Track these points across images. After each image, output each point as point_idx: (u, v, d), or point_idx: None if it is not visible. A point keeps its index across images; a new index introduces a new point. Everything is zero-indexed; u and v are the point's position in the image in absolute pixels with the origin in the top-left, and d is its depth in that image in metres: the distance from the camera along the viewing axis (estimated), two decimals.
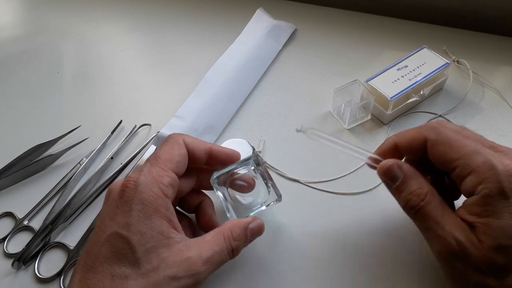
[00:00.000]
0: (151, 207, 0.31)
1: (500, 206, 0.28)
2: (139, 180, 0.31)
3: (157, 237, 0.30)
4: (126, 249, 0.29)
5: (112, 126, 0.50)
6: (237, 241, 0.33)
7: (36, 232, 0.41)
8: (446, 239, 0.29)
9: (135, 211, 0.30)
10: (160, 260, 0.30)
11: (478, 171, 0.29)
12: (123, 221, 0.30)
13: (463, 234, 0.29)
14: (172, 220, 0.32)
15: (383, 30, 0.58)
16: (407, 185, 0.32)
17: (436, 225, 0.30)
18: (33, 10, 0.70)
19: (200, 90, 0.51)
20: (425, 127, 0.33)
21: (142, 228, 0.30)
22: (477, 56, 0.53)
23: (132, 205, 0.30)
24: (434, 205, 0.30)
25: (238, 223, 0.34)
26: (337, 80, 0.52)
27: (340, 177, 0.44)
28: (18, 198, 0.45)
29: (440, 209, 0.30)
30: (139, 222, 0.30)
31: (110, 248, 0.30)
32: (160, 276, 0.29)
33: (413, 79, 0.46)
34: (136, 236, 0.30)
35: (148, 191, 0.31)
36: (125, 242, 0.29)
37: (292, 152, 0.46)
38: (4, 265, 0.40)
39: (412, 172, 0.32)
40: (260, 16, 0.60)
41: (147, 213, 0.30)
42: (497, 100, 0.49)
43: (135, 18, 0.66)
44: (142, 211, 0.30)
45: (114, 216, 0.31)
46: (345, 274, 0.37)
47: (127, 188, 0.31)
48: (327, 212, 0.41)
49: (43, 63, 0.60)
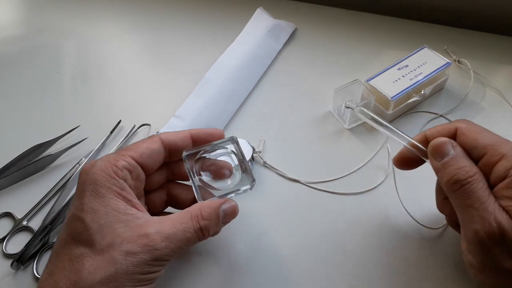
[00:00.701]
0: (103, 187, 0.31)
1: None
2: (94, 164, 0.32)
3: (112, 213, 0.30)
4: (81, 228, 0.30)
5: (111, 126, 0.50)
6: (206, 220, 0.32)
7: (35, 233, 0.41)
8: (488, 220, 0.28)
9: (88, 191, 0.31)
10: (115, 235, 0.29)
11: (509, 155, 0.30)
12: (78, 202, 0.31)
13: (506, 218, 0.28)
14: (130, 200, 0.32)
15: (383, 29, 0.58)
16: (457, 161, 0.32)
17: (480, 204, 0.29)
18: (33, 10, 0.70)
19: (200, 90, 0.51)
20: (457, 120, 0.34)
21: (94, 206, 0.30)
22: (478, 56, 0.53)
23: (85, 186, 0.31)
24: (482, 185, 0.30)
25: (209, 203, 0.33)
26: (337, 80, 0.51)
27: (340, 177, 0.44)
28: (17, 198, 0.45)
29: (486, 192, 0.30)
30: (91, 201, 0.30)
31: (68, 230, 0.30)
32: (116, 252, 0.29)
33: (414, 78, 0.46)
34: (89, 215, 0.30)
35: (100, 172, 0.31)
36: (80, 221, 0.30)
37: (292, 152, 0.46)
38: (3, 265, 0.40)
39: (463, 153, 0.32)
40: (260, 16, 0.60)
41: (99, 192, 0.31)
42: (498, 100, 0.49)
43: (135, 18, 0.65)
44: (94, 191, 0.31)
45: (74, 201, 0.32)
46: (344, 274, 0.37)
47: (83, 171, 0.32)
48: (327, 212, 0.41)
49: (43, 63, 0.60)
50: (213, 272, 0.38)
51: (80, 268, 0.28)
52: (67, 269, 0.29)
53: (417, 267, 0.37)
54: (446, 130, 0.33)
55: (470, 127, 0.32)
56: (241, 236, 0.40)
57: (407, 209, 0.40)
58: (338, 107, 0.48)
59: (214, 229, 0.33)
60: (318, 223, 0.40)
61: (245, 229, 0.40)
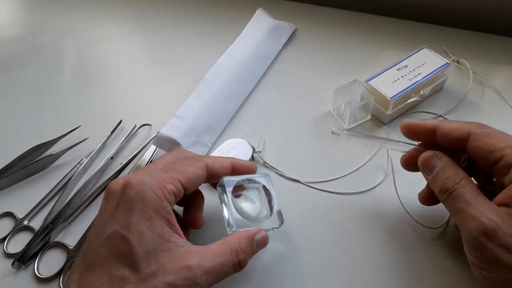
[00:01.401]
0: (152, 209, 0.30)
1: None
2: (143, 180, 0.31)
3: (157, 240, 0.30)
4: (126, 249, 0.29)
5: (112, 126, 0.50)
6: (244, 253, 0.32)
7: (36, 232, 0.41)
8: (479, 218, 0.30)
9: (136, 210, 0.30)
10: (159, 265, 0.29)
11: None
12: (123, 220, 0.30)
13: (497, 214, 0.29)
14: (174, 224, 0.31)
15: (383, 30, 0.58)
16: (444, 172, 0.33)
17: (469, 205, 0.31)
18: (33, 10, 0.70)
19: (200, 90, 0.51)
20: (471, 122, 0.34)
21: (142, 229, 0.29)
22: (477, 56, 0.53)
23: (133, 204, 0.30)
24: (468, 189, 0.32)
25: (245, 234, 0.33)
26: (337, 80, 0.51)
27: (340, 177, 0.44)
28: (18, 198, 0.45)
29: (474, 194, 0.31)
30: (139, 223, 0.30)
31: (109, 247, 0.29)
32: (158, 282, 0.28)
33: (413, 79, 0.46)
34: (136, 237, 0.29)
35: (151, 192, 0.30)
36: (125, 242, 0.29)
37: (292, 152, 0.46)
38: (4, 265, 0.40)
39: (449, 161, 0.34)
40: (260, 16, 0.60)
41: (148, 214, 0.30)
42: (497, 100, 0.49)
43: (135, 18, 0.66)
44: (143, 211, 0.30)
45: (114, 215, 0.30)
46: (344, 273, 0.37)
47: (130, 186, 0.31)
48: (327, 212, 0.41)
49: (43, 63, 0.60)
50: None
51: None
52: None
53: (416, 265, 0.37)
54: (459, 131, 0.34)
55: (486, 131, 0.33)
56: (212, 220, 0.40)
57: (406, 208, 0.40)
58: (338, 107, 0.49)
59: (249, 260, 0.33)
60: (318, 222, 0.40)
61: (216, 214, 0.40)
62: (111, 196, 0.32)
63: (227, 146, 0.45)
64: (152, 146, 0.47)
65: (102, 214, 0.32)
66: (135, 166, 0.46)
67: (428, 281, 0.36)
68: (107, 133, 0.49)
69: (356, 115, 0.47)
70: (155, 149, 0.47)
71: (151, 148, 0.47)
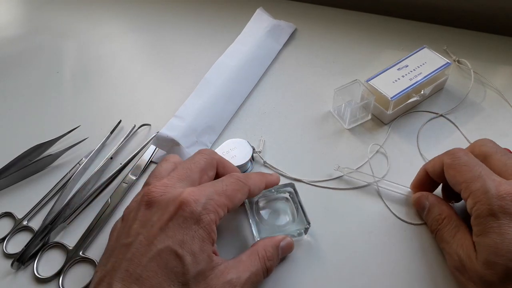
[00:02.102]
0: (207, 231, 0.31)
1: (488, 226, 0.31)
2: (200, 201, 0.31)
3: (206, 260, 0.31)
4: (179, 267, 0.29)
5: (112, 126, 0.50)
6: (271, 260, 0.34)
7: (35, 232, 0.41)
8: (452, 255, 0.34)
9: (193, 230, 0.30)
10: (206, 283, 0.30)
11: (474, 194, 0.32)
12: (178, 237, 0.30)
13: (464, 250, 0.33)
14: (214, 243, 0.32)
15: (383, 30, 0.58)
16: (431, 212, 0.37)
17: (447, 244, 0.35)
18: (33, 10, 0.70)
19: (200, 90, 0.51)
20: (446, 153, 0.36)
21: (195, 249, 0.30)
22: (478, 56, 0.53)
23: (190, 224, 0.30)
24: (448, 228, 0.35)
25: (270, 241, 0.35)
26: (337, 80, 0.51)
27: (340, 176, 0.44)
28: (18, 198, 0.45)
29: (453, 231, 0.35)
30: (193, 243, 0.30)
31: (161, 263, 0.29)
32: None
33: (414, 79, 0.46)
34: (189, 257, 0.30)
35: (208, 215, 0.31)
36: (179, 260, 0.29)
37: (292, 152, 0.46)
38: (4, 265, 0.40)
39: (435, 200, 0.38)
40: (260, 16, 0.60)
41: (202, 235, 0.31)
42: (498, 100, 0.49)
43: (135, 18, 0.65)
44: (199, 232, 0.31)
45: (166, 229, 0.30)
46: (345, 273, 0.37)
47: (187, 204, 0.31)
48: (328, 209, 0.41)
49: (43, 63, 0.60)
50: None
51: None
52: None
53: (418, 261, 0.37)
54: (437, 165, 0.36)
55: (452, 163, 0.34)
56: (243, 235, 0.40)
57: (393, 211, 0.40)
58: (338, 107, 0.48)
59: (275, 266, 0.36)
60: (317, 220, 0.40)
61: (244, 226, 0.40)
62: (157, 206, 0.32)
63: (227, 146, 0.45)
64: (151, 146, 0.47)
65: (146, 224, 0.31)
66: (134, 166, 0.46)
67: (435, 280, 0.36)
68: (106, 133, 0.49)
69: (356, 115, 0.47)
70: (155, 149, 0.47)
71: (150, 148, 0.47)
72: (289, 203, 0.40)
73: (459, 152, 0.35)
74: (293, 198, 0.40)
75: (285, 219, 0.39)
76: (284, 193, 0.40)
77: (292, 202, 0.40)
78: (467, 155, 0.35)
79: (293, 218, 0.39)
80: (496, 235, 0.30)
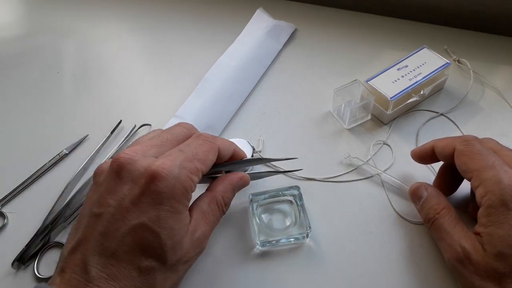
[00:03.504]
0: (181, 203, 0.31)
1: (501, 217, 0.30)
2: (172, 173, 0.30)
3: (183, 229, 0.31)
4: (155, 243, 0.29)
5: (112, 126, 0.50)
6: (228, 205, 0.36)
7: (36, 232, 0.41)
8: (454, 246, 0.33)
9: (167, 205, 0.30)
10: (183, 252, 0.31)
11: (486, 183, 0.32)
12: (153, 214, 0.29)
13: (469, 242, 0.32)
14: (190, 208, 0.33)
15: (383, 30, 0.58)
16: (428, 202, 0.37)
17: (447, 235, 0.34)
18: (33, 10, 0.70)
19: (200, 90, 0.51)
20: (459, 138, 0.36)
21: (171, 223, 0.30)
22: (477, 56, 0.53)
23: (163, 198, 0.30)
24: (447, 218, 0.34)
25: (229, 184, 0.36)
26: (337, 80, 0.51)
27: (340, 175, 0.44)
28: (18, 198, 0.45)
29: (453, 222, 0.34)
30: (168, 217, 0.30)
31: (136, 239, 0.29)
32: (180, 264, 0.31)
33: (413, 79, 0.46)
34: (165, 231, 0.30)
35: (181, 186, 0.30)
36: (155, 236, 0.29)
37: (292, 152, 0.46)
38: (4, 265, 0.39)
39: (434, 192, 0.37)
40: (260, 16, 0.60)
41: (177, 208, 0.30)
42: (498, 99, 0.49)
43: (135, 18, 0.65)
44: (173, 206, 0.30)
45: (139, 204, 0.29)
46: (345, 273, 0.37)
47: (159, 177, 0.30)
48: (328, 210, 0.41)
49: (43, 63, 0.60)
50: (224, 274, 0.38)
51: (153, 282, 0.30)
52: (137, 279, 0.29)
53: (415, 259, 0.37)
54: (447, 148, 0.36)
55: (465, 149, 0.34)
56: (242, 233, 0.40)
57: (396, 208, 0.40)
58: (338, 107, 0.49)
59: None
60: (317, 220, 0.40)
61: (247, 227, 0.40)
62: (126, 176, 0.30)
63: None
64: None
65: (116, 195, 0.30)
66: None
67: (436, 279, 0.36)
68: (107, 133, 0.49)
69: (356, 115, 0.47)
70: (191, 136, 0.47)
71: None
72: (292, 205, 0.40)
73: (474, 140, 0.35)
74: (296, 201, 0.40)
75: (287, 222, 0.39)
76: (289, 196, 0.40)
77: (296, 205, 0.40)
78: (480, 143, 0.34)
79: (295, 221, 0.39)
80: (509, 226, 0.30)
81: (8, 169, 0.47)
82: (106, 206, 0.30)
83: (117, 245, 0.29)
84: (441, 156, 0.37)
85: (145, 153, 0.32)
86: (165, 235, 0.29)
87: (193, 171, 0.32)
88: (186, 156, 0.32)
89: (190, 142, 0.34)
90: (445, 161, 0.38)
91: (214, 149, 0.34)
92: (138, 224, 0.29)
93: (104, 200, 0.30)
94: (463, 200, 0.40)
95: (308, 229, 0.37)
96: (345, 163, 0.44)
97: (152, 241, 0.29)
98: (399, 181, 0.41)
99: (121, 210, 0.30)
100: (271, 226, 0.39)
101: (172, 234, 0.30)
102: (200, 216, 0.33)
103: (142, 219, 0.29)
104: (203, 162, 0.33)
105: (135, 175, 0.30)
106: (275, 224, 0.39)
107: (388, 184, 0.42)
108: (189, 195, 0.31)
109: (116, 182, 0.31)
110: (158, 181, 0.30)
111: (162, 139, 0.34)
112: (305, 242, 0.39)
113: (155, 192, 0.30)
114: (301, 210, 0.39)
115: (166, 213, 0.30)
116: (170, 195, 0.30)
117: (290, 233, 0.38)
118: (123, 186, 0.30)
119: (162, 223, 0.29)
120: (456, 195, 0.40)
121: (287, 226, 0.39)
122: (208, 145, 0.34)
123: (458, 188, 0.39)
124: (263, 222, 0.39)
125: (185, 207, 0.31)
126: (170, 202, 0.30)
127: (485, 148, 0.34)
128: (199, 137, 0.35)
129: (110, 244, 0.29)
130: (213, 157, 0.34)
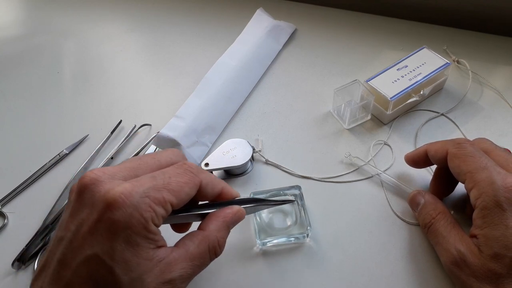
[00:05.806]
0: (139, 235, 0.27)
1: (496, 218, 0.31)
2: (131, 200, 0.27)
3: (143, 264, 0.27)
4: (109, 277, 0.26)
5: (112, 126, 0.50)
6: (222, 246, 0.31)
7: (36, 232, 0.41)
8: (449, 250, 0.33)
9: (122, 236, 0.26)
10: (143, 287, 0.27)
11: (479, 185, 0.32)
12: (107, 245, 0.26)
13: (465, 245, 0.32)
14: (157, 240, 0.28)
15: (383, 30, 0.58)
16: (425, 208, 0.37)
17: (443, 239, 0.34)
18: (33, 10, 0.70)
19: (200, 90, 0.51)
20: (451, 141, 0.36)
21: (127, 256, 0.26)
22: (477, 56, 0.53)
23: (118, 228, 0.26)
24: (443, 223, 0.35)
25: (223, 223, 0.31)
26: (337, 80, 0.51)
27: (340, 175, 0.44)
28: (18, 198, 0.45)
29: (448, 227, 0.35)
30: (124, 250, 0.26)
31: (90, 271, 0.26)
32: None
33: (413, 79, 0.46)
34: (120, 265, 0.26)
35: (139, 217, 0.27)
36: (108, 270, 0.26)
37: (292, 152, 0.46)
38: (4, 265, 0.40)
39: (431, 198, 0.38)
40: (260, 16, 0.60)
41: (134, 240, 0.27)
42: (497, 100, 0.49)
43: (135, 18, 0.66)
44: (130, 238, 0.27)
45: (95, 232, 0.27)
46: (345, 273, 0.37)
47: (115, 205, 0.26)
48: (328, 210, 0.41)
49: (43, 63, 0.60)
50: (224, 272, 0.38)
51: None
52: None
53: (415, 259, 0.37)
54: (440, 152, 0.36)
55: (458, 152, 0.34)
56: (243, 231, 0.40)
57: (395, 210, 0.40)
58: (338, 107, 0.49)
59: None
60: (317, 220, 0.40)
61: (247, 226, 0.40)
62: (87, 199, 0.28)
63: (227, 146, 0.45)
64: (152, 146, 0.47)
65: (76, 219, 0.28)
66: None
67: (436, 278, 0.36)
68: (107, 133, 0.49)
69: (356, 115, 0.47)
70: (155, 149, 0.47)
71: (151, 148, 0.47)
72: (293, 205, 0.40)
73: (465, 143, 0.35)
74: (297, 201, 0.40)
75: (288, 222, 0.39)
76: (290, 195, 0.40)
77: (297, 205, 0.40)
78: (472, 145, 0.35)
79: (296, 221, 0.39)
80: (504, 227, 0.30)
81: (8, 169, 0.47)
82: (67, 230, 0.28)
83: (72, 275, 0.27)
84: (434, 160, 0.37)
85: (114, 175, 0.29)
86: (119, 269, 0.26)
87: (158, 202, 0.28)
88: (156, 184, 0.28)
89: (168, 169, 0.30)
90: (439, 164, 0.38)
91: (193, 182, 0.30)
92: (92, 255, 0.26)
93: (66, 223, 0.28)
94: (461, 201, 0.40)
95: (308, 228, 0.37)
96: (345, 163, 0.45)
97: (105, 275, 0.26)
98: (398, 182, 0.41)
99: (78, 237, 0.27)
100: (272, 225, 0.39)
101: (128, 269, 0.26)
102: (183, 256, 0.29)
103: (95, 250, 0.26)
104: (174, 194, 0.29)
105: (95, 199, 0.27)
106: (275, 223, 0.39)
107: (388, 184, 0.42)
108: (150, 227, 0.27)
109: (79, 204, 0.28)
110: (113, 209, 0.26)
111: (140, 162, 0.31)
112: (305, 241, 0.39)
113: (110, 220, 0.26)
114: (302, 209, 0.39)
115: (122, 245, 0.26)
116: (126, 225, 0.26)
117: (291, 233, 0.38)
118: (83, 209, 0.28)
119: (116, 256, 0.26)
120: (454, 197, 0.40)
121: (288, 225, 0.39)
122: (187, 177, 0.30)
123: (454, 189, 0.40)
124: (264, 221, 0.39)
125: (146, 240, 0.27)
126: (126, 233, 0.26)
127: (477, 150, 0.34)
128: (181, 166, 0.31)
129: (66, 274, 0.27)
130: (190, 190, 0.30)
